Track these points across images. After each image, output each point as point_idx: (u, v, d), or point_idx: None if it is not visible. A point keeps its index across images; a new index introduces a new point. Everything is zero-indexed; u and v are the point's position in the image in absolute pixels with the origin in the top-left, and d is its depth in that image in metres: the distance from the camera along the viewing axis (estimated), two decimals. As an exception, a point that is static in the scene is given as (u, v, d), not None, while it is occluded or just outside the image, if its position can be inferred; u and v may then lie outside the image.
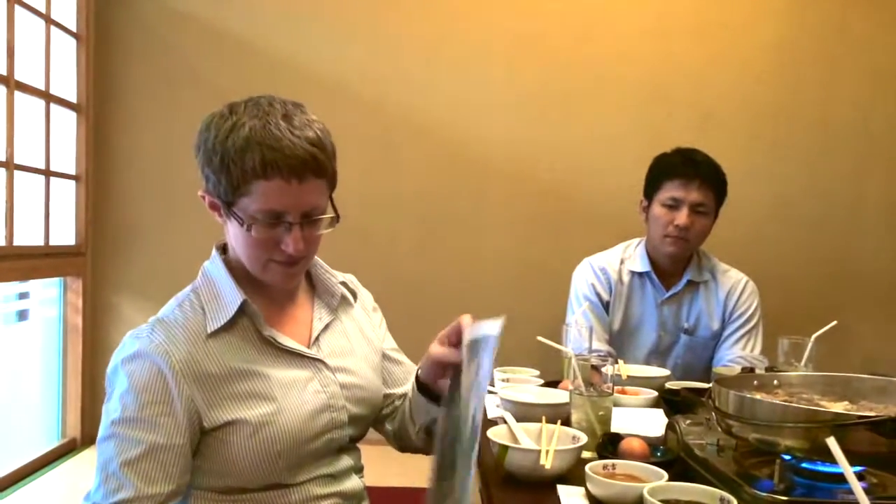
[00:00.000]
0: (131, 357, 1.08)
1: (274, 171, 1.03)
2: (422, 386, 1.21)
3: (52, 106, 3.04)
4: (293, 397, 1.12)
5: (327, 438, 1.16)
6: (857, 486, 0.62)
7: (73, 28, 3.19)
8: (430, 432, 1.21)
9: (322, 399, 1.16)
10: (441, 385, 1.17)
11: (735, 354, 2.14)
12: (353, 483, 1.24)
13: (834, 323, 1.67)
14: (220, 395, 1.08)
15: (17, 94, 2.76)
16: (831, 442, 0.62)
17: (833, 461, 0.99)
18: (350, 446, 1.24)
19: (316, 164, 1.06)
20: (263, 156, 1.03)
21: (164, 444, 1.04)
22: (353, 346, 1.25)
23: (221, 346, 1.10)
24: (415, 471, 2.87)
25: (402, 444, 1.33)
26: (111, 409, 1.07)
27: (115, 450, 1.04)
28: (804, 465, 1.04)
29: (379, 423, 1.33)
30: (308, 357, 1.17)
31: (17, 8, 2.77)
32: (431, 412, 1.19)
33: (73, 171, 3.21)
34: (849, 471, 0.62)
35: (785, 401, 1.10)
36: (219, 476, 1.10)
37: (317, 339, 1.20)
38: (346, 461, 1.22)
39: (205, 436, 1.09)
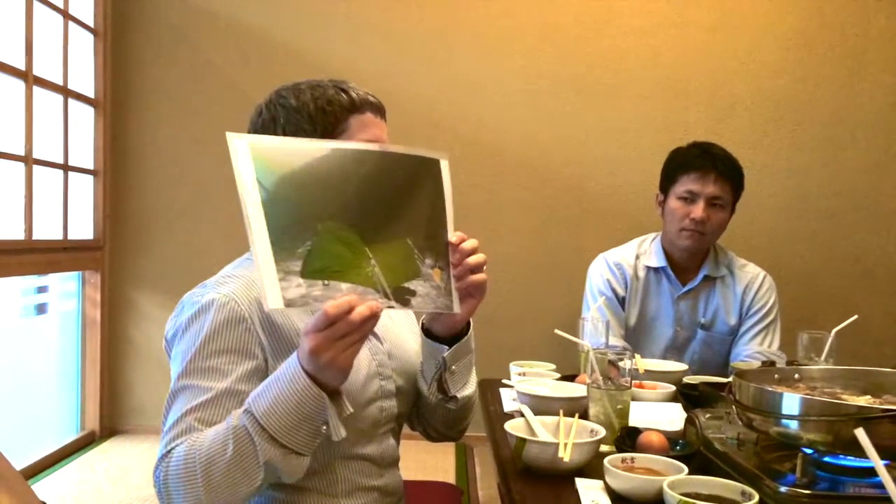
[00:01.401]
0: (202, 308, 1.09)
1: (365, 105, 1.17)
2: (426, 331, 1.21)
3: (70, 101, 3.07)
4: None
5: (378, 406, 1.20)
6: (887, 478, 0.61)
7: (91, 23, 3.21)
8: (442, 388, 1.21)
9: (373, 366, 1.20)
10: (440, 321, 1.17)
11: (753, 350, 2.12)
12: (394, 477, 1.26)
13: (855, 317, 1.66)
14: (284, 347, 1.11)
15: (36, 90, 2.79)
16: (860, 433, 0.61)
17: (856, 454, 0.98)
18: (396, 428, 1.27)
19: (385, 111, 1.22)
20: (357, 93, 1.18)
21: (229, 390, 1.05)
22: (396, 321, 1.30)
23: None
24: (430, 465, 2.88)
25: (422, 418, 1.33)
26: (176, 367, 1.09)
27: (183, 401, 1.05)
28: (827, 458, 1.03)
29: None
30: None
31: (36, 4, 2.79)
32: (438, 356, 1.18)
33: (90, 166, 3.24)
34: (879, 463, 0.61)
35: (807, 394, 1.08)
36: None
37: None
38: (391, 444, 1.25)
39: None
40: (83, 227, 3.22)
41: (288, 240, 0.92)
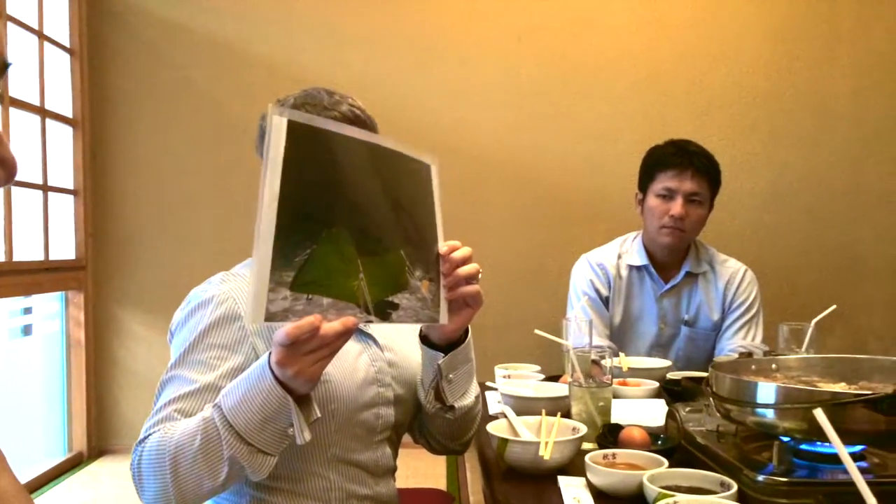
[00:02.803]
0: (202, 303, 1.13)
1: (359, 122, 1.21)
2: (424, 338, 1.20)
3: (48, 121, 3.05)
4: (346, 364, 1.16)
5: (374, 413, 1.20)
6: (849, 462, 0.62)
7: (67, 43, 3.20)
8: (440, 397, 1.19)
9: (371, 372, 1.20)
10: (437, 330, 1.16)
11: (736, 344, 2.13)
12: (388, 487, 1.25)
13: (833, 307, 1.67)
14: None
15: (13, 111, 2.77)
16: (818, 413, 0.62)
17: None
18: (393, 437, 1.26)
19: (375, 127, 1.27)
20: (350, 109, 1.23)
21: (212, 385, 1.08)
22: (402, 330, 1.30)
23: None
24: (421, 471, 2.87)
25: (423, 429, 1.32)
26: (172, 356, 1.12)
27: (169, 391, 1.09)
28: (803, 446, 1.03)
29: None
30: (360, 331, 1.22)
31: (10, 25, 2.78)
32: (435, 363, 1.17)
33: (70, 186, 3.22)
34: (840, 446, 0.62)
35: (783, 383, 1.09)
36: None
37: None
38: (386, 453, 1.24)
39: None
40: (65, 247, 3.20)
41: (291, 245, 0.88)
